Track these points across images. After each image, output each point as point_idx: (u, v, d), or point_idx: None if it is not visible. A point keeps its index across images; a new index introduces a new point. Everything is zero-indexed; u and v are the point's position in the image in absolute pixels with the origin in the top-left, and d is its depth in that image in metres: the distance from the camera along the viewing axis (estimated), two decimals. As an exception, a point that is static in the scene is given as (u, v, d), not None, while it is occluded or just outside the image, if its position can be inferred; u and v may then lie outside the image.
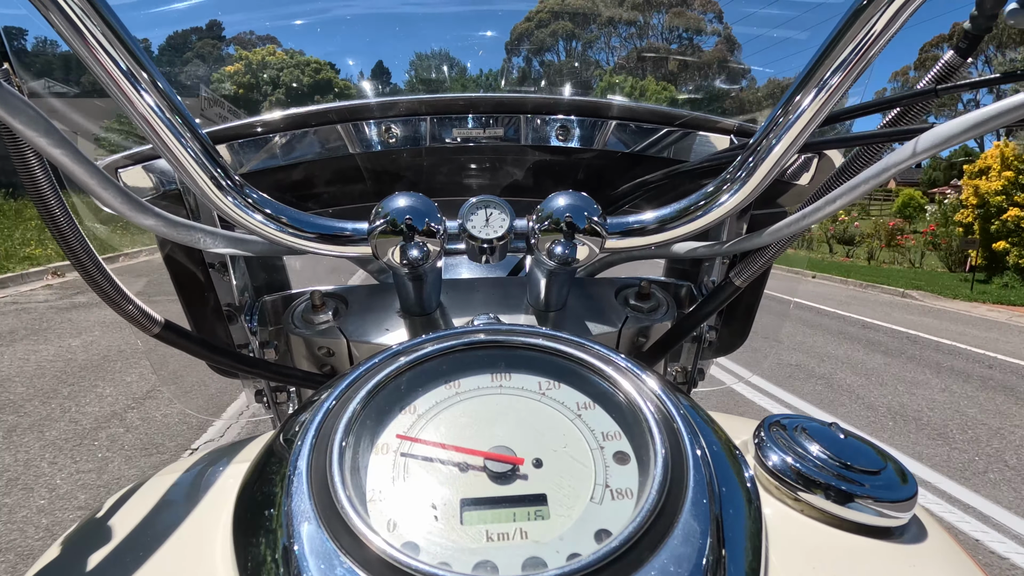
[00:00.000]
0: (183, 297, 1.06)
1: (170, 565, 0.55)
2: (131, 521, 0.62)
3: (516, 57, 1.78)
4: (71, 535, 0.63)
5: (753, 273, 0.88)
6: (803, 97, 0.66)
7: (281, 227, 0.72)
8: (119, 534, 0.60)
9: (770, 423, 0.69)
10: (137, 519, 0.62)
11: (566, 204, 0.74)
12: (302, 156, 0.99)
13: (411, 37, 1.42)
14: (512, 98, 1.03)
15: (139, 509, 0.64)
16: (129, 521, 0.62)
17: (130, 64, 0.57)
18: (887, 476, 0.61)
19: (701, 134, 1.05)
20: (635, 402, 0.54)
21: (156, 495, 0.67)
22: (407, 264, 0.74)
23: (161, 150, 0.63)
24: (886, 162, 0.62)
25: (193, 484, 0.69)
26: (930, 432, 5.75)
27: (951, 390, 7.16)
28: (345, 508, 0.44)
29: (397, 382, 0.57)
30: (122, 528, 0.61)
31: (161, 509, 0.64)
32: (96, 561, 0.57)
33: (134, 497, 0.68)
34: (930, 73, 0.74)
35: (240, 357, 0.91)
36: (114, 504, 0.68)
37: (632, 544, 0.42)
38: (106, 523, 0.63)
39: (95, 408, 5.42)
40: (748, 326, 1.24)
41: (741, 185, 0.73)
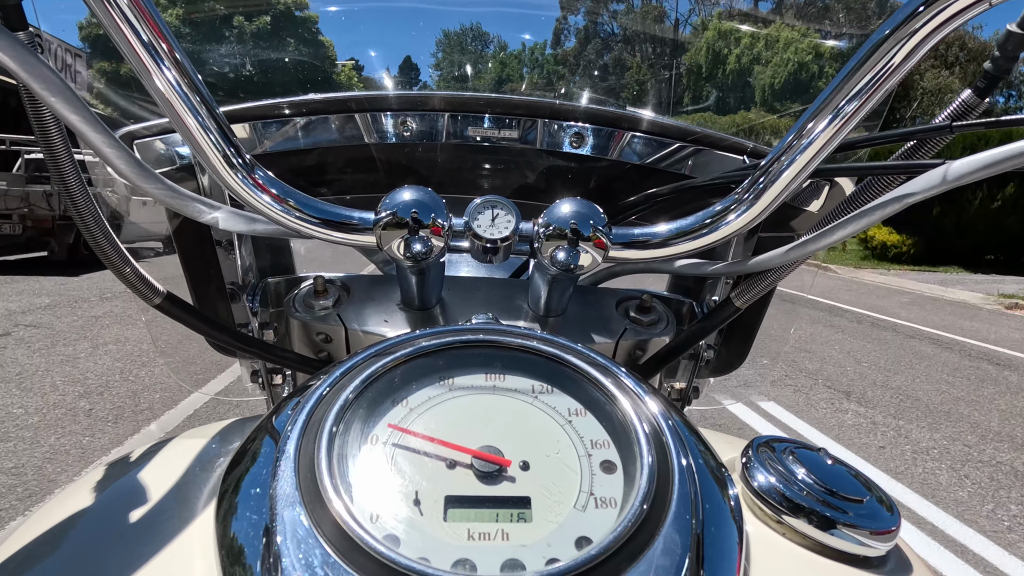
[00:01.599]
0: (188, 272, 1.07)
1: (148, 539, 0.55)
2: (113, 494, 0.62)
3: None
4: (50, 506, 0.63)
5: (754, 295, 0.88)
6: (817, 123, 0.66)
7: (287, 209, 0.72)
8: (100, 507, 0.61)
9: (759, 444, 0.69)
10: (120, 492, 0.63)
11: (572, 211, 0.74)
12: (317, 141, 1.00)
13: (433, 29, 1.43)
14: (531, 101, 1.04)
15: (122, 482, 0.65)
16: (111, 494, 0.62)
17: (152, 37, 0.58)
18: (871, 505, 0.61)
19: (714, 152, 1.05)
20: (626, 412, 0.54)
21: (143, 468, 0.68)
22: (410, 257, 0.74)
23: (176, 123, 0.64)
24: (902, 191, 0.62)
25: (180, 460, 0.70)
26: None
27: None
28: (329, 495, 0.44)
29: (391, 374, 0.58)
30: (103, 501, 0.61)
31: (145, 483, 0.64)
32: (73, 533, 0.57)
33: (129, 464, 0.68)
34: (947, 110, 0.75)
35: (239, 336, 0.92)
36: (108, 471, 0.68)
37: (611, 553, 0.42)
38: (86, 496, 0.63)
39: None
40: (747, 348, 1.24)
41: (749, 206, 0.73)
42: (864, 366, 7.85)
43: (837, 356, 8.29)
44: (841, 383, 6.99)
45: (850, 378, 7.24)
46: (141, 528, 0.56)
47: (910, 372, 7.68)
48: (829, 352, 8.48)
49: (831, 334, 9.68)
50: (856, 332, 10.02)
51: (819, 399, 6.37)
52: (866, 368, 7.76)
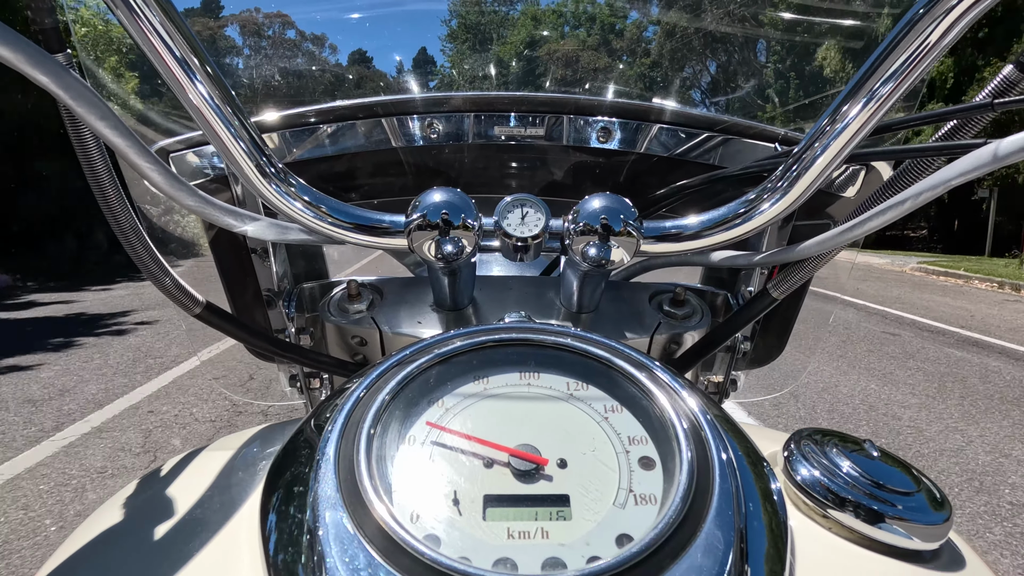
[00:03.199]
0: (226, 281, 1.09)
1: (197, 543, 0.56)
2: (161, 499, 0.64)
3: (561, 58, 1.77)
4: (101, 511, 0.65)
5: (791, 286, 0.86)
6: (851, 106, 0.64)
7: (320, 216, 0.73)
8: (149, 512, 0.62)
9: (801, 436, 0.67)
10: (168, 497, 0.64)
11: (602, 206, 0.74)
12: (346, 148, 1.01)
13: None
14: (555, 98, 1.03)
15: (170, 487, 0.66)
16: (159, 499, 0.64)
17: (185, 53, 0.59)
18: (920, 498, 0.59)
19: (745, 141, 1.03)
20: (663, 408, 0.54)
21: (187, 473, 0.69)
22: (441, 258, 0.74)
23: (210, 136, 0.65)
24: (945, 174, 0.59)
25: (225, 464, 0.71)
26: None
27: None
28: (370, 497, 0.44)
29: (427, 375, 0.58)
30: (152, 506, 0.63)
31: (192, 487, 0.66)
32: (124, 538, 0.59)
33: (165, 475, 0.70)
34: (987, 87, 0.72)
35: (276, 342, 0.93)
36: (144, 482, 0.70)
37: (653, 551, 0.42)
38: (136, 501, 0.65)
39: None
40: (784, 339, 1.22)
41: (783, 194, 0.71)
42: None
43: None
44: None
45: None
46: (186, 535, 0.58)
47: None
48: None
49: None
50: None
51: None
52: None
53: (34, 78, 0.54)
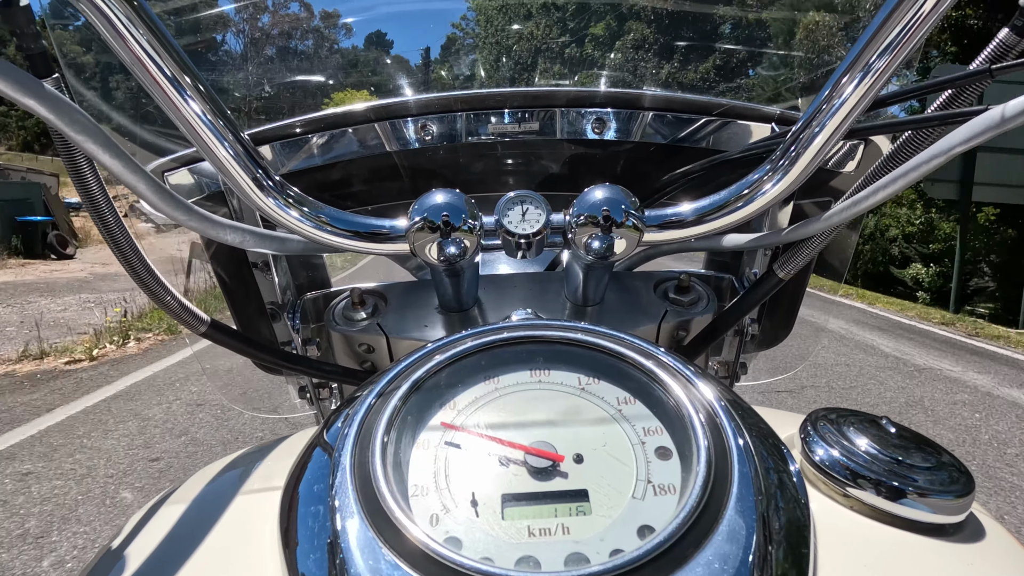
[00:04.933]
0: (228, 296, 1.09)
1: (220, 560, 0.56)
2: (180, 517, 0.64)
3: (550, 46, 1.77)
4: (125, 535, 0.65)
5: (797, 265, 0.86)
6: (848, 81, 0.64)
7: (321, 225, 0.73)
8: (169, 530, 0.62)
9: (817, 417, 0.67)
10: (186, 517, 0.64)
11: (603, 197, 0.74)
12: (340, 155, 1.01)
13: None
14: (547, 92, 1.03)
15: (187, 507, 0.66)
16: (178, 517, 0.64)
17: (174, 70, 0.59)
18: (940, 472, 0.59)
19: (741, 123, 1.03)
20: (676, 396, 0.53)
21: (203, 492, 0.69)
22: (444, 260, 0.74)
23: (205, 152, 0.65)
24: (946, 143, 0.58)
25: (240, 480, 0.71)
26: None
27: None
28: (388, 503, 0.44)
29: (436, 378, 0.58)
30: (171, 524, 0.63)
31: (209, 506, 0.65)
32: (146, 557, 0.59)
33: (181, 493, 0.70)
34: (983, 53, 0.71)
35: (284, 355, 0.93)
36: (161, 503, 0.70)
37: (676, 540, 0.42)
38: (156, 520, 0.65)
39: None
40: (792, 319, 1.21)
41: (784, 174, 0.71)
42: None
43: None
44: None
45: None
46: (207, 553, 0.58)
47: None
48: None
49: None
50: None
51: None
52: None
53: (24, 104, 0.54)
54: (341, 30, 1.40)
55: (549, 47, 1.79)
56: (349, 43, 1.42)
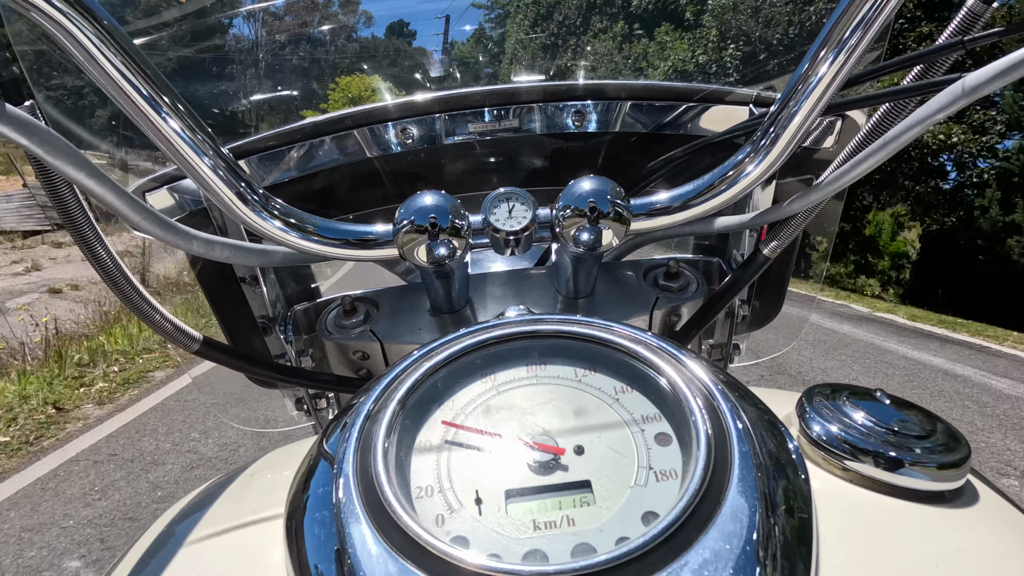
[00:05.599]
0: (218, 312, 1.08)
1: None
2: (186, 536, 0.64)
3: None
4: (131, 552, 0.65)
5: (783, 243, 0.87)
6: (823, 59, 0.64)
7: (307, 236, 0.73)
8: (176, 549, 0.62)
9: (812, 394, 0.67)
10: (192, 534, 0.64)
11: (588, 189, 0.74)
12: (321, 164, 1.00)
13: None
14: (524, 88, 1.03)
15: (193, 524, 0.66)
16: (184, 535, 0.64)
17: (150, 90, 0.58)
18: (937, 440, 0.60)
19: (719, 107, 1.03)
20: (672, 382, 0.54)
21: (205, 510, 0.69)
22: (434, 262, 0.74)
23: (187, 170, 0.64)
24: (921, 113, 0.59)
25: (242, 495, 0.71)
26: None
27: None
28: (393, 507, 0.44)
29: (433, 380, 0.58)
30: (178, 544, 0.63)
31: (215, 522, 0.65)
32: None
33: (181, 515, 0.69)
34: (952, 23, 0.72)
35: (278, 367, 0.93)
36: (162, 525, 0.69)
37: (680, 524, 0.42)
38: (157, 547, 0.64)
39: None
40: (781, 297, 1.22)
41: (765, 154, 0.71)
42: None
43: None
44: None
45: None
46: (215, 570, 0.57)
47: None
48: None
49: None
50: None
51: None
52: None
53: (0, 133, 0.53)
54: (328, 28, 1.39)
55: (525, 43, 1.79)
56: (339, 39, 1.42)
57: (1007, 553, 0.55)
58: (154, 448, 5.04)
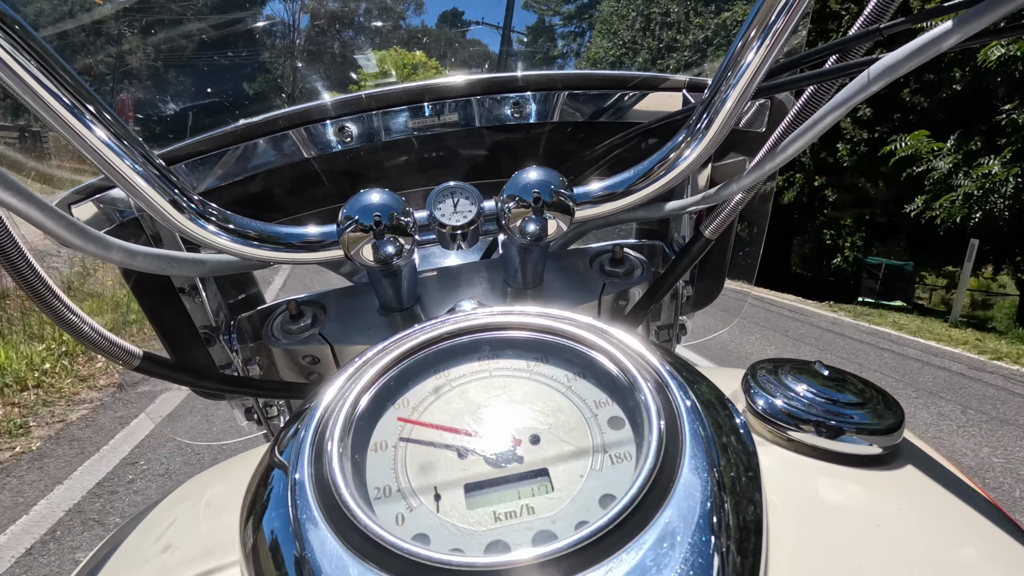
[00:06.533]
0: (157, 325, 1.04)
1: None
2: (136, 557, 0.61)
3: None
4: None
5: (722, 224, 0.89)
6: (751, 44, 0.66)
7: (248, 241, 0.71)
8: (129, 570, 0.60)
9: (756, 370, 0.70)
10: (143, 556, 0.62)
11: (532, 180, 0.74)
12: (258, 167, 0.98)
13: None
14: (461, 82, 1.02)
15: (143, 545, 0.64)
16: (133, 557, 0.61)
17: (72, 98, 0.56)
18: (873, 406, 0.63)
19: (653, 94, 1.05)
20: (621, 366, 0.55)
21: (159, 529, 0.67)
22: (380, 261, 0.73)
23: (116, 179, 0.62)
24: (840, 96, 0.63)
25: (193, 510, 0.69)
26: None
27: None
28: (352, 509, 0.44)
29: (386, 379, 0.57)
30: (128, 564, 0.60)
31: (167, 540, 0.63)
32: None
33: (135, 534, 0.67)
34: (865, 11, 0.75)
35: (225, 378, 0.90)
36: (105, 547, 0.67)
37: (637, 505, 0.43)
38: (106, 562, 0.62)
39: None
40: (722, 277, 1.26)
41: (701, 138, 0.73)
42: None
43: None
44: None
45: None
46: None
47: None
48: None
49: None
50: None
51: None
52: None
53: None
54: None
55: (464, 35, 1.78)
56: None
57: (939, 507, 0.58)
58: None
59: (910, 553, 0.52)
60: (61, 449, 4.77)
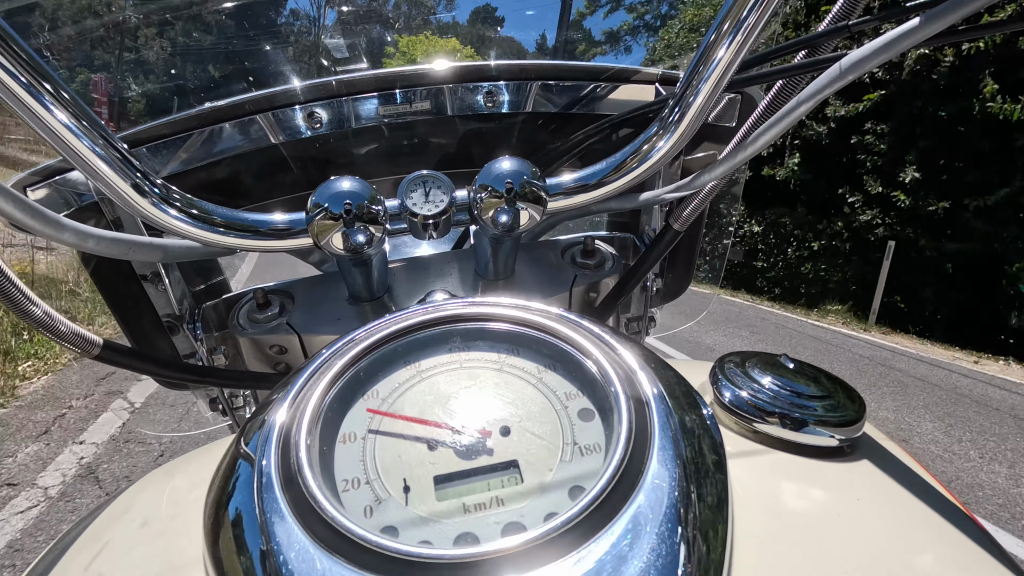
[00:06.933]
0: (118, 313, 1.01)
1: None
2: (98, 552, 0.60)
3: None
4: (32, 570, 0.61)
5: (691, 216, 0.90)
6: (723, 38, 0.67)
7: (213, 228, 0.69)
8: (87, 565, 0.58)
9: (724, 363, 0.71)
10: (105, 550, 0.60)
11: (505, 170, 0.74)
12: (224, 152, 0.95)
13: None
14: (433, 69, 1.01)
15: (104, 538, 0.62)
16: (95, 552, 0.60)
17: (30, 78, 0.54)
18: (836, 399, 0.64)
19: (626, 86, 1.05)
20: (591, 358, 0.55)
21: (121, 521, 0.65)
22: (351, 250, 0.72)
23: (75, 162, 0.60)
24: (808, 91, 0.64)
25: (156, 503, 0.67)
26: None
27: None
28: (319, 502, 0.43)
29: (355, 370, 0.57)
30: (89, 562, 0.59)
31: (130, 534, 0.62)
32: None
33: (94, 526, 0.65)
34: (834, 9, 0.76)
35: (189, 368, 0.88)
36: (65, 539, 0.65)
37: (606, 496, 0.43)
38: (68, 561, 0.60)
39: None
40: (691, 270, 1.27)
41: (674, 130, 0.74)
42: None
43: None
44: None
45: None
46: None
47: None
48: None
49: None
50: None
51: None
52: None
53: None
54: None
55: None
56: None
57: (898, 498, 0.60)
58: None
59: (870, 542, 0.54)
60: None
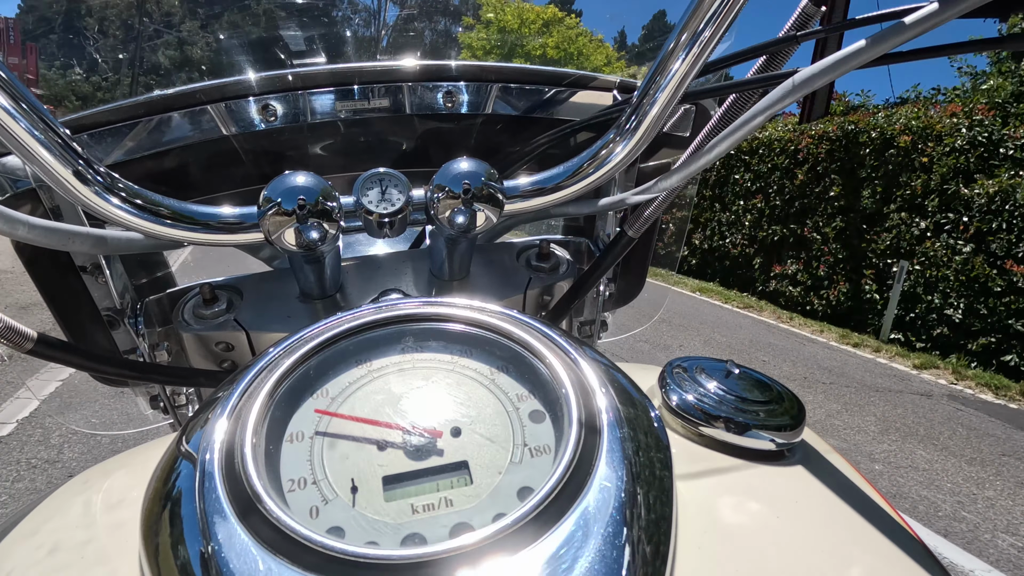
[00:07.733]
0: (54, 306, 0.97)
1: None
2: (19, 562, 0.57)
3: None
4: None
5: (645, 223, 0.92)
6: (679, 50, 0.68)
7: (159, 219, 0.67)
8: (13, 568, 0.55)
9: (673, 367, 0.73)
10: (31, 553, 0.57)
11: (463, 171, 0.74)
12: (172, 142, 0.92)
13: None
14: (393, 67, 1.00)
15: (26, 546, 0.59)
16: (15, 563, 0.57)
17: None
18: (778, 405, 0.67)
19: (585, 92, 1.07)
20: (543, 361, 0.55)
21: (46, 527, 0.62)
22: (303, 247, 0.71)
23: (12, 145, 0.57)
24: (760, 105, 0.66)
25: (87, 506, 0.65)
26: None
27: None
28: (264, 501, 0.42)
29: (304, 368, 0.56)
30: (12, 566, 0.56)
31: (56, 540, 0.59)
32: None
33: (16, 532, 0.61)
34: (789, 22, 0.79)
35: (128, 364, 0.85)
36: None
37: (554, 497, 0.44)
38: None
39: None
40: (643, 276, 1.29)
41: (630, 138, 0.75)
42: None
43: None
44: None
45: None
46: None
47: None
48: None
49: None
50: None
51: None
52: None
53: None
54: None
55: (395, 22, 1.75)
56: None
57: (834, 501, 0.62)
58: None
59: (805, 543, 0.56)
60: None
